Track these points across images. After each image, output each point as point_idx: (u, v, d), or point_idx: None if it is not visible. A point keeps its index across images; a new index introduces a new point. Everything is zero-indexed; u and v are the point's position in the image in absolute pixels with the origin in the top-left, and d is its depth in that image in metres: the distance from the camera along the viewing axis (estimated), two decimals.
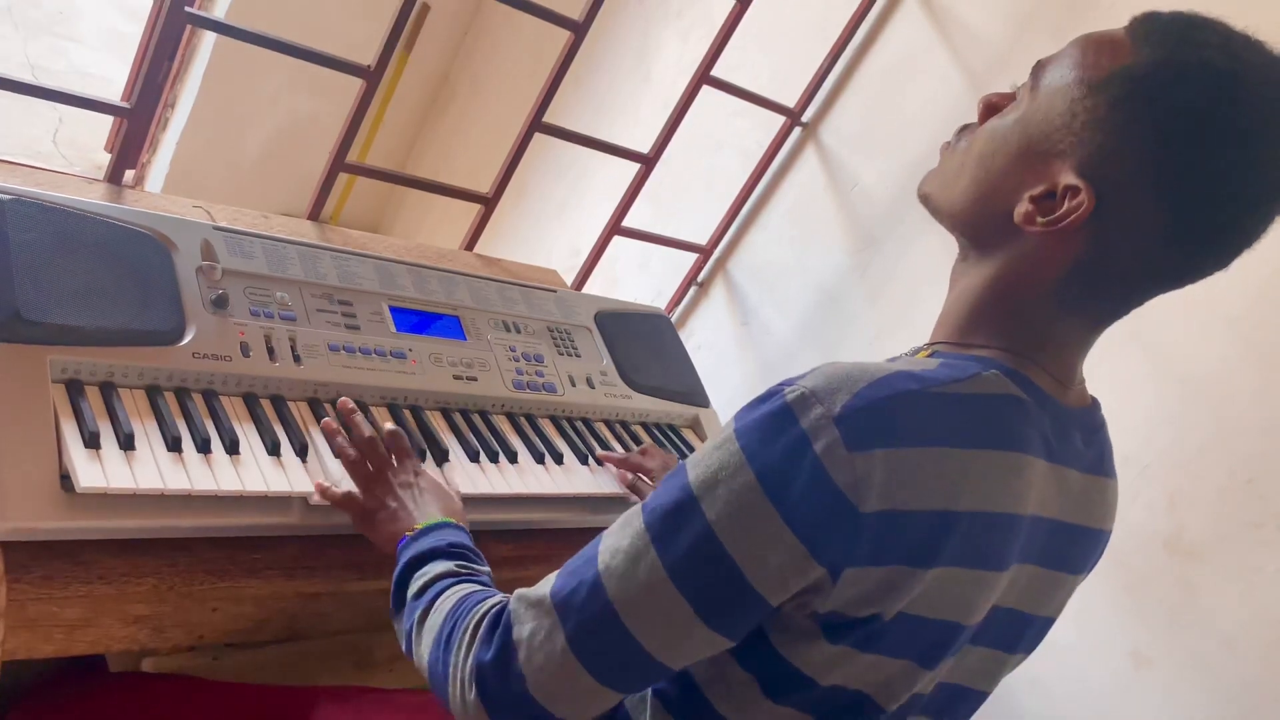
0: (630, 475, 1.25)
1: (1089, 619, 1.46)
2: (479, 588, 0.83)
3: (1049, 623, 0.85)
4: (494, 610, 0.76)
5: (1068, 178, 0.70)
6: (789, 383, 0.67)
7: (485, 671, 0.72)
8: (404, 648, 0.85)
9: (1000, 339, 0.76)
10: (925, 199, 0.81)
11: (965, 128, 0.80)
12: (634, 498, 1.24)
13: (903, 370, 0.69)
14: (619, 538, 0.71)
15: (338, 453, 1.02)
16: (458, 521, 0.95)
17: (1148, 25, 0.70)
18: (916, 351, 0.80)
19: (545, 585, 0.74)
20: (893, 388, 0.66)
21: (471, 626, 0.76)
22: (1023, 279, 0.75)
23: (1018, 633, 0.82)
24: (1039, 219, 0.71)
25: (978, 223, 0.77)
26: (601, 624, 0.69)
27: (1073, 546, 0.81)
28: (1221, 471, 1.40)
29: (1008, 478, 0.70)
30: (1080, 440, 0.79)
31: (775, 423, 0.66)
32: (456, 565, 0.87)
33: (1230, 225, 0.70)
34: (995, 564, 0.72)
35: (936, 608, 0.70)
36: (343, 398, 1.08)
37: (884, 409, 0.65)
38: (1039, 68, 0.76)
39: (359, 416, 1.05)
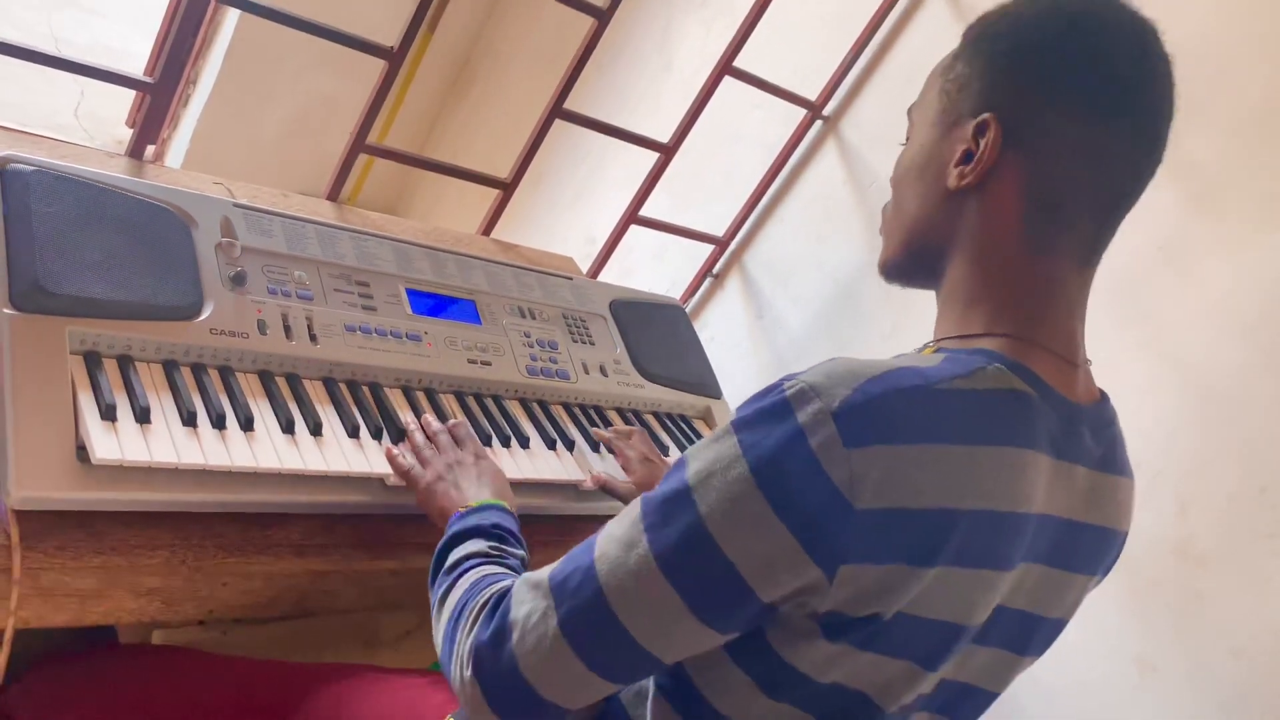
0: (605, 476, 1.22)
1: (1095, 624, 1.46)
2: (501, 570, 0.84)
3: (1060, 624, 0.84)
4: (500, 591, 0.77)
5: (971, 124, 0.76)
6: (790, 377, 0.67)
7: (482, 651, 0.73)
8: (432, 620, 0.86)
9: (999, 319, 0.76)
10: (885, 267, 0.86)
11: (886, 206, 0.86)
12: (616, 488, 1.22)
13: (906, 367, 0.68)
14: (618, 526, 0.72)
15: (409, 434, 1.08)
16: (507, 505, 0.97)
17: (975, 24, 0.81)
18: (922, 349, 0.79)
19: (548, 568, 0.74)
20: (893, 384, 0.66)
21: (478, 606, 0.77)
22: (990, 237, 0.76)
23: (1028, 635, 0.81)
24: (969, 172, 0.76)
25: (930, 222, 0.80)
26: (593, 610, 0.70)
27: (1082, 546, 0.80)
28: (1233, 479, 1.39)
29: (1011, 475, 0.69)
30: (1089, 436, 0.78)
31: (773, 416, 0.66)
32: (490, 546, 0.88)
33: (1118, 90, 0.73)
34: (999, 563, 0.71)
35: (936, 608, 0.69)
36: (425, 415, 1.13)
37: (883, 405, 0.65)
38: (912, 108, 0.84)
39: (431, 417, 1.12)
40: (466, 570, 0.84)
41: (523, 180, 1.75)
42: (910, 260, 0.83)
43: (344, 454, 1.04)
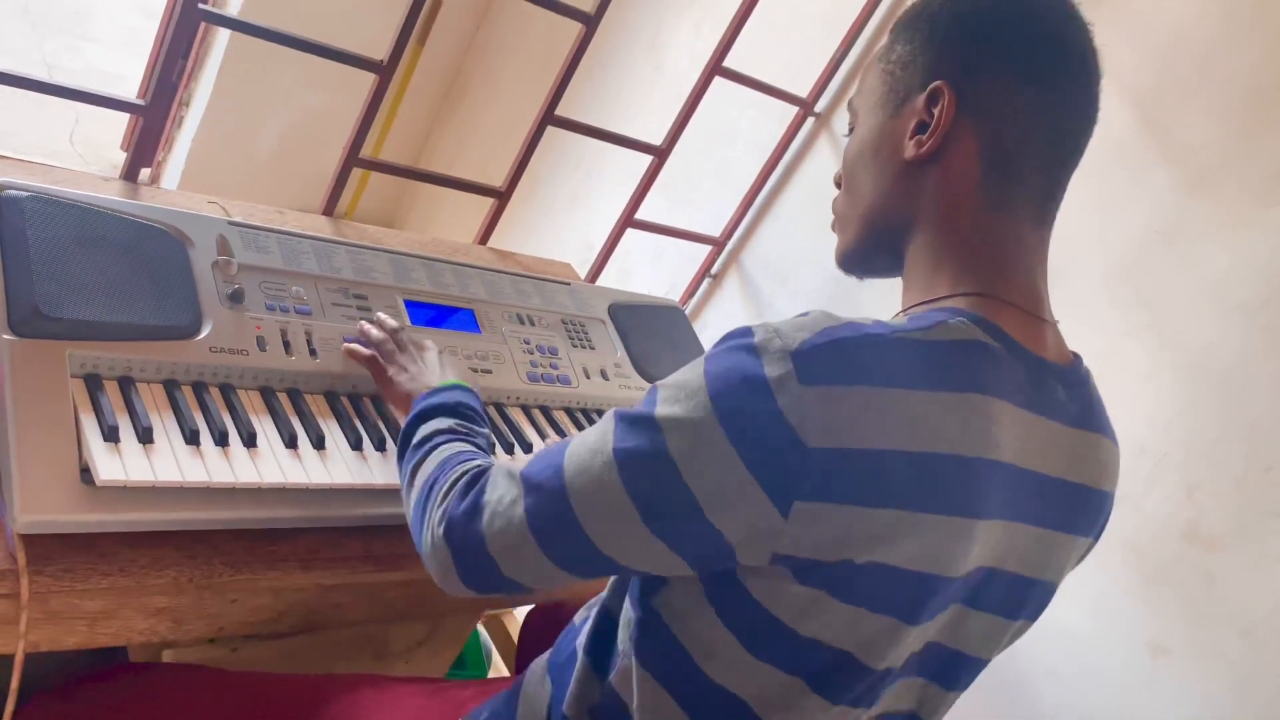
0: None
1: (1107, 609, 1.46)
2: (470, 448, 0.91)
3: (1051, 588, 0.85)
4: (475, 470, 0.84)
5: (923, 96, 0.78)
6: (765, 322, 0.71)
7: (454, 521, 0.80)
8: (402, 495, 0.93)
9: (963, 278, 0.78)
10: (844, 257, 0.89)
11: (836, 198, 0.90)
12: None
13: (871, 320, 0.72)
14: (591, 433, 0.76)
15: (360, 333, 1.14)
16: (471, 387, 1.04)
17: (906, 10, 0.84)
18: (893, 318, 0.81)
19: (525, 461, 0.80)
20: (854, 331, 0.69)
21: (450, 481, 0.84)
22: (950, 202, 0.78)
23: (1019, 598, 0.81)
24: (927, 140, 0.78)
25: (889, 200, 0.82)
26: (553, 505, 0.75)
27: (1067, 504, 0.81)
28: (1239, 461, 1.39)
29: (969, 420, 0.70)
30: (1062, 393, 0.79)
31: (738, 353, 0.69)
32: (456, 423, 0.95)
33: (1058, 48, 0.77)
34: (964, 510, 0.70)
35: (909, 557, 0.69)
36: (378, 315, 1.18)
37: (840, 349, 0.67)
38: (850, 101, 0.88)
39: (382, 315, 1.17)
40: (437, 445, 0.91)
41: (518, 188, 1.76)
42: (871, 243, 0.85)
43: (348, 466, 1.04)
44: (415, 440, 0.94)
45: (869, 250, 0.86)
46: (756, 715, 0.75)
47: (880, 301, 1.85)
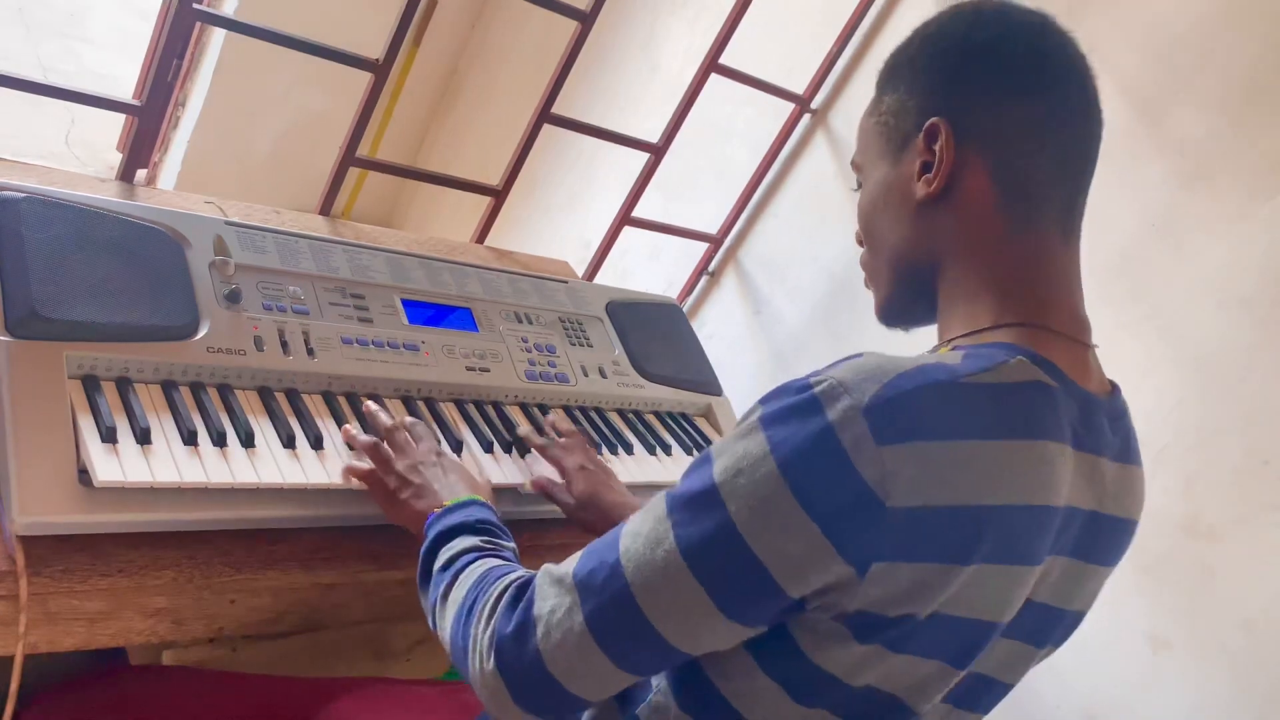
0: (546, 481, 1.16)
1: (1107, 603, 1.45)
2: (503, 562, 0.84)
3: (1079, 617, 0.84)
4: (517, 583, 0.76)
5: (920, 137, 0.78)
6: (818, 373, 0.67)
7: (504, 643, 0.73)
8: (430, 623, 0.86)
9: (1004, 307, 0.76)
10: (883, 311, 0.87)
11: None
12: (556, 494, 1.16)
13: (932, 363, 0.68)
14: (641, 522, 0.71)
15: (350, 441, 1.03)
16: (484, 499, 0.96)
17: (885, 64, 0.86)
18: (934, 349, 0.79)
19: (570, 563, 0.74)
20: (921, 380, 0.66)
21: (493, 599, 0.76)
22: (972, 233, 0.77)
23: (1049, 628, 0.81)
24: (934, 180, 0.77)
25: (911, 243, 0.81)
26: (619, 607, 0.69)
27: (1103, 537, 0.80)
28: (1238, 454, 1.39)
29: (1039, 469, 0.68)
30: (1108, 427, 0.78)
31: (802, 413, 0.65)
32: (482, 541, 0.88)
33: (1040, 61, 0.77)
34: (1030, 559, 0.70)
35: (973, 606, 0.69)
36: (367, 402, 1.08)
37: (913, 401, 0.64)
38: (854, 160, 0.87)
39: (374, 406, 1.07)
40: (466, 565, 0.84)
41: (514, 187, 1.76)
42: (905, 291, 0.83)
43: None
44: (440, 564, 0.86)
45: (906, 298, 0.84)
46: None
47: None
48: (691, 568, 0.67)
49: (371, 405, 1.07)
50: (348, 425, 1.05)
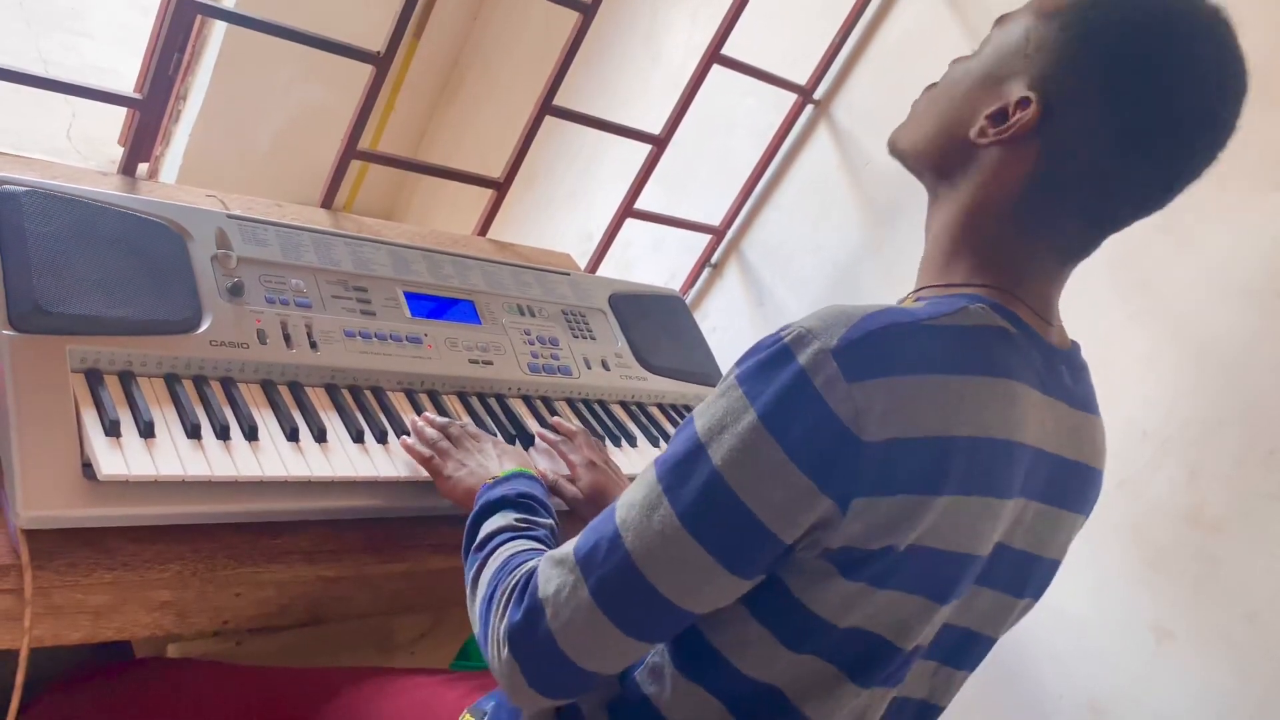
0: (553, 476, 1.16)
1: (1110, 593, 1.46)
2: (528, 546, 0.85)
3: (1055, 565, 0.87)
4: (528, 571, 0.78)
5: (1019, 91, 0.76)
6: (786, 326, 0.70)
7: (516, 632, 0.74)
8: (467, 597, 0.87)
9: (979, 274, 0.79)
10: (894, 147, 0.86)
11: (931, 85, 0.85)
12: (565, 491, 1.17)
13: (895, 308, 0.72)
14: (635, 492, 0.73)
15: (416, 430, 1.08)
16: (533, 472, 0.99)
17: None
18: (903, 300, 0.82)
19: (570, 544, 0.76)
20: (886, 320, 0.69)
21: (508, 590, 0.78)
22: (984, 200, 0.78)
23: (1025, 575, 0.83)
24: (991, 131, 0.77)
25: (941, 151, 0.81)
26: (622, 577, 0.71)
27: (1071, 483, 0.83)
28: (1241, 444, 1.39)
29: (1002, 404, 0.71)
30: (1067, 376, 0.81)
31: (775, 363, 0.68)
32: (517, 518, 0.90)
33: (1169, 138, 0.74)
34: (1000, 491, 0.73)
35: (948, 538, 0.71)
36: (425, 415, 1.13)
37: (879, 340, 0.67)
38: (999, 21, 0.82)
39: (429, 414, 1.13)
40: (496, 548, 0.85)
41: (516, 179, 1.75)
42: (922, 157, 0.84)
43: (349, 459, 1.04)
44: (477, 541, 0.88)
45: (921, 157, 0.84)
46: (791, 703, 0.75)
47: (882, 289, 1.84)
48: (687, 526, 0.69)
49: (430, 414, 1.13)
50: (414, 418, 1.12)
